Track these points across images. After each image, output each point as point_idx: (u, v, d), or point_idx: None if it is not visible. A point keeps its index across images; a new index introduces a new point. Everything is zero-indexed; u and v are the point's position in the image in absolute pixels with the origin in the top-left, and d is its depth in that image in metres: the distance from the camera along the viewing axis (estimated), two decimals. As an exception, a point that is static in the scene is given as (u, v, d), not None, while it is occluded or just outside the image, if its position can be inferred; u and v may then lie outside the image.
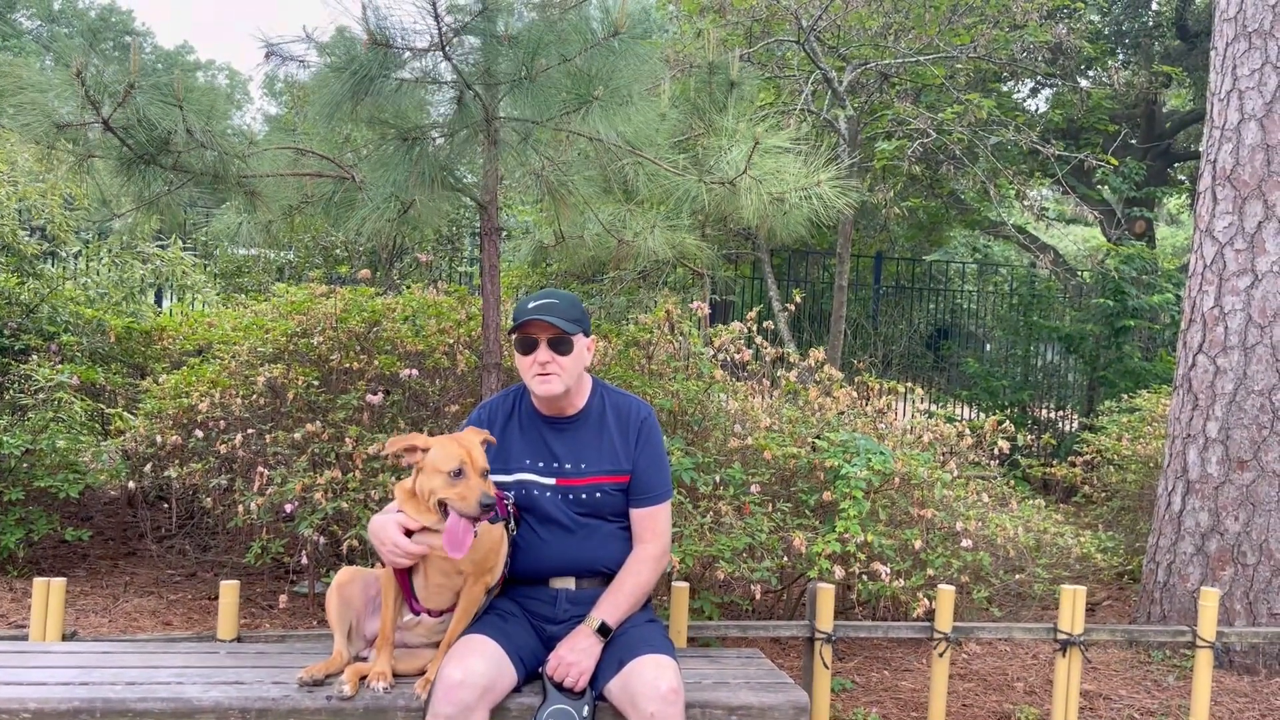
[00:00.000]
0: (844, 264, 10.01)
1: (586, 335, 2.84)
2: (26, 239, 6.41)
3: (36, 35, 28.60)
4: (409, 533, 2.61)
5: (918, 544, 4.30)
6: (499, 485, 2.80)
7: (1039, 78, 12.37)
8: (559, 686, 2.60)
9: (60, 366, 5.59)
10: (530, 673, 2.67)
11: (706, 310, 5.56)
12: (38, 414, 5.40)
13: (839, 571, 4.09)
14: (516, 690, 2.64)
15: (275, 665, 2.79)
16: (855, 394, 5.43)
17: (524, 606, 2.80)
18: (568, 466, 2.81)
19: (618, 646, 2.67)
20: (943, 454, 5.18)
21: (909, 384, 5.74)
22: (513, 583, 2.83)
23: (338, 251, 8.37)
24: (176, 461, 5.03)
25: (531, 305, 2.76)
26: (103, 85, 2.82)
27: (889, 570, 4.16)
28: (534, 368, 2.74)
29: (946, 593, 3.66)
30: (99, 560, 5.73)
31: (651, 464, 2.84)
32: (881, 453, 4.53)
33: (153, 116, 2.91)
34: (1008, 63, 9.95)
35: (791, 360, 5.80)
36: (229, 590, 3.29)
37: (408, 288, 6.21)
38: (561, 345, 2.74)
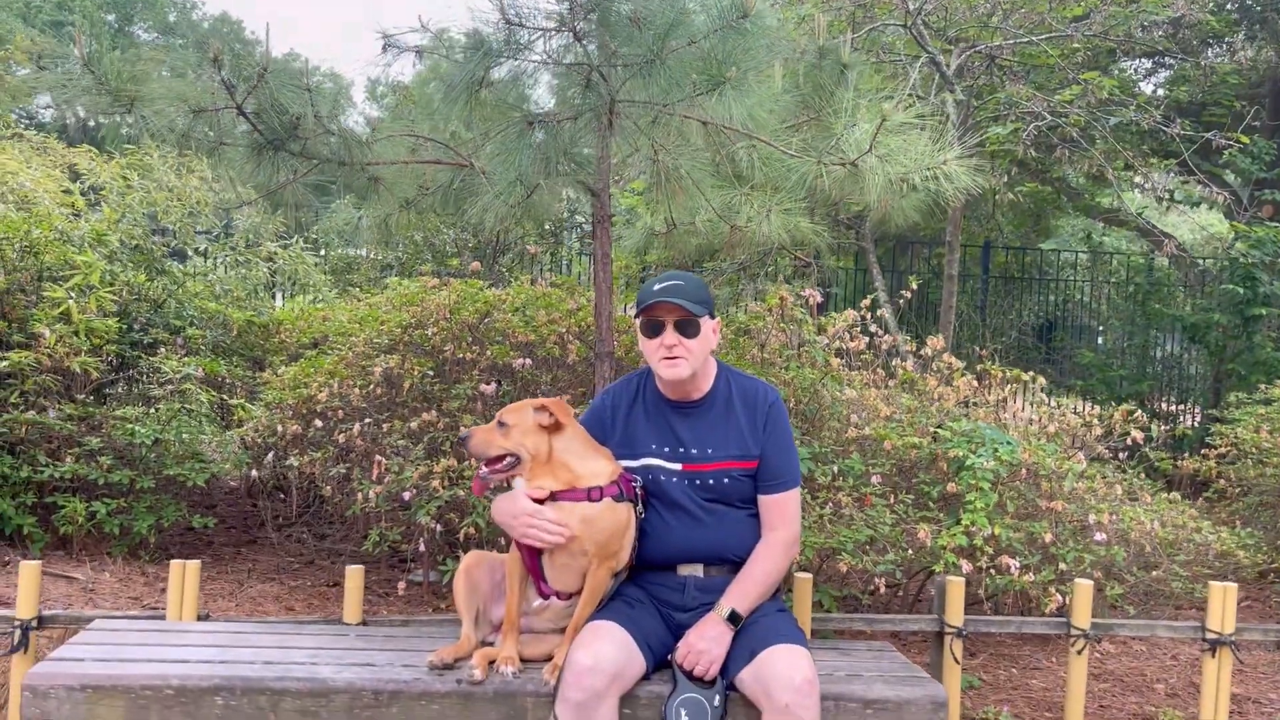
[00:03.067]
0: (954, 252, 9.74)
1: (712, 318, 2.78)
2: (156, 240, 6.64)
3: (154, 47, 29.78)
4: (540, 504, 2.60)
5: (1047, 537, 4.13)
6: (626, 470, 2.76)
7: (1157, 56, 11.87)
8: (689, 675, 2.55)
9: (186, 359, 5.76)
10: (659, 661, 2.63)
11: (819, 298, 5.44)
12: (166, 405, 5.57)
13: (965, 566, 3.95)
14: (645, 678, 2.60)
15: (403, 649, 2.80)
16: (976, 383, 5.25)
17: (651, 594, 2.76)
18: (694, 452, 2.75)
19: (749, 635, 2.60)
20: (1068, 445, 4.98)
21: (1031, 373, 5.53)
22: (640, 569, 2.78)
23: (446, 248, 8.48)
24: (296, 451, 5.13)
25: (658, 288, 2.71)
26: (238, 70, 2.87)
27: (1018, 564, 4.00)
28: (660, 351, 2.69)
29: (1084, 587, 3.51)
30: (223, 547, 5.89)
31: (780, 449, 2.77)
32: (1009, 442, 4.37)
33: (284, 100, 2.95)
34: (1125, 39, 9.57)
35: (907, 349, 5.64)
36: (354, 575, 3.33)
37: (515, 280, 6.25)
38: (688, 328, 2.68)
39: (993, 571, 4.01)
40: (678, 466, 2.75)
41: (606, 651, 2.48)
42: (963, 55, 9.40)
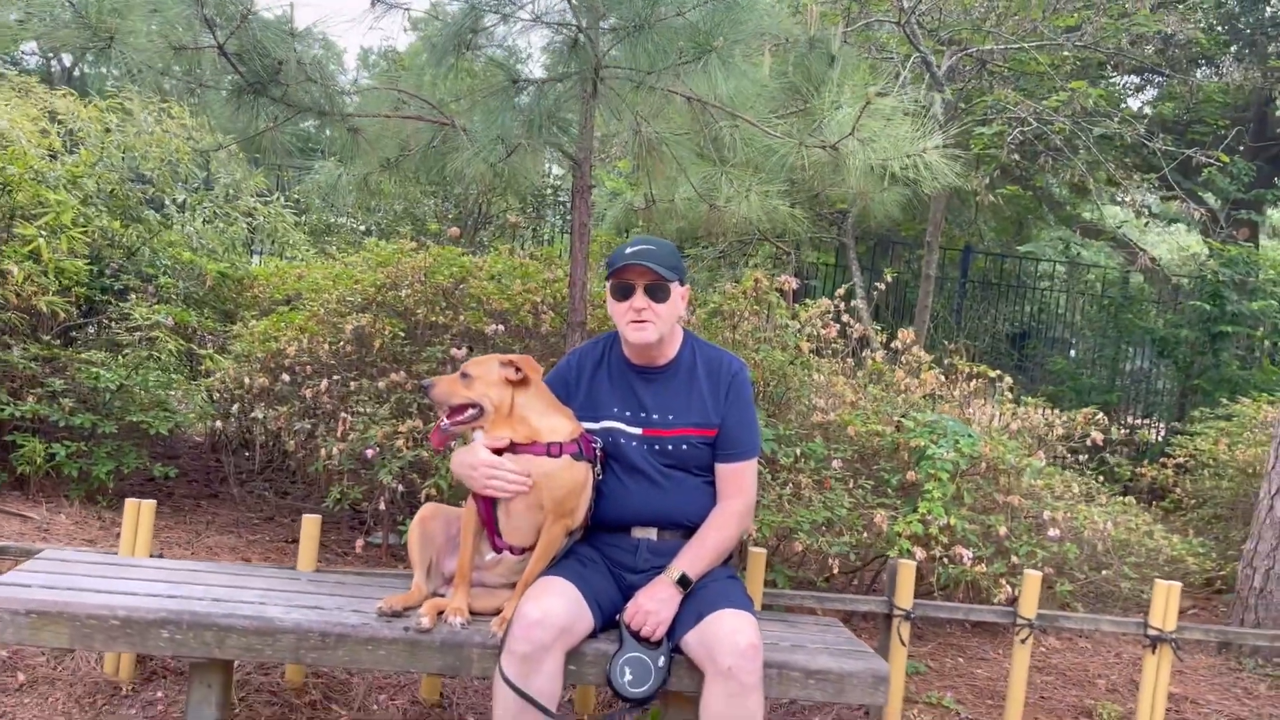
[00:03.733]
0: (932, 253, 9.80)
1: (683, 284, 2.79)
2: (133, 187, 6.57)
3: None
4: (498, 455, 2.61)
5: (1002, 530, 4.18)
6: (587, 431, 2.77)
7: (1145, 71, 11.97)
8: (636, 635, 2.57)
9: (156, 307, 5.72)
10: (608, 620, 2.65)
11: (794, 284, 5.46)
12: (134, 351, 5.54)
13: (919, 554, 4.00)
14: (593, 636, 2.62)
15: (354, 596, 2.81)
16: (944, 378, 5.30)
17: (605, 554, 2.77)
18: (655, 417, 2.77)
19: (697, 600, 2.63)
20: (1029, 444, 5.03)
21: (999, 373, 5.58)
22: (595, 530, 2.80)
23: (426, 217, 8.45)
24: (263, 405, 5.12)
25: (629, 250, 2.73)
26: (221, 8, 2.85)
27: (971, 555, 4.05)
28: (629, 314, 2.71)
29: (1033, 578, 3.55)
30: (183, 499, 5.86)
31: (740, 420, 2.79)
32: (970, 435, 4.42)
33: (267, 43, 2.93)
34: (1115, 53, 9.64)
35: (879, 342, 5.68)
36: (310, 523, 3.33)
37: (495, 249, 6.24)
38: (658, 292, 2.70)
39: (946, 561, 4.06)
40: (638, 431, 2.77)
41: (555, 606, 2.50)
42: (954, 57, 9.45)
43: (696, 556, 2.68)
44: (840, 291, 5.52)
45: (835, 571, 3.98)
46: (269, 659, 2.54)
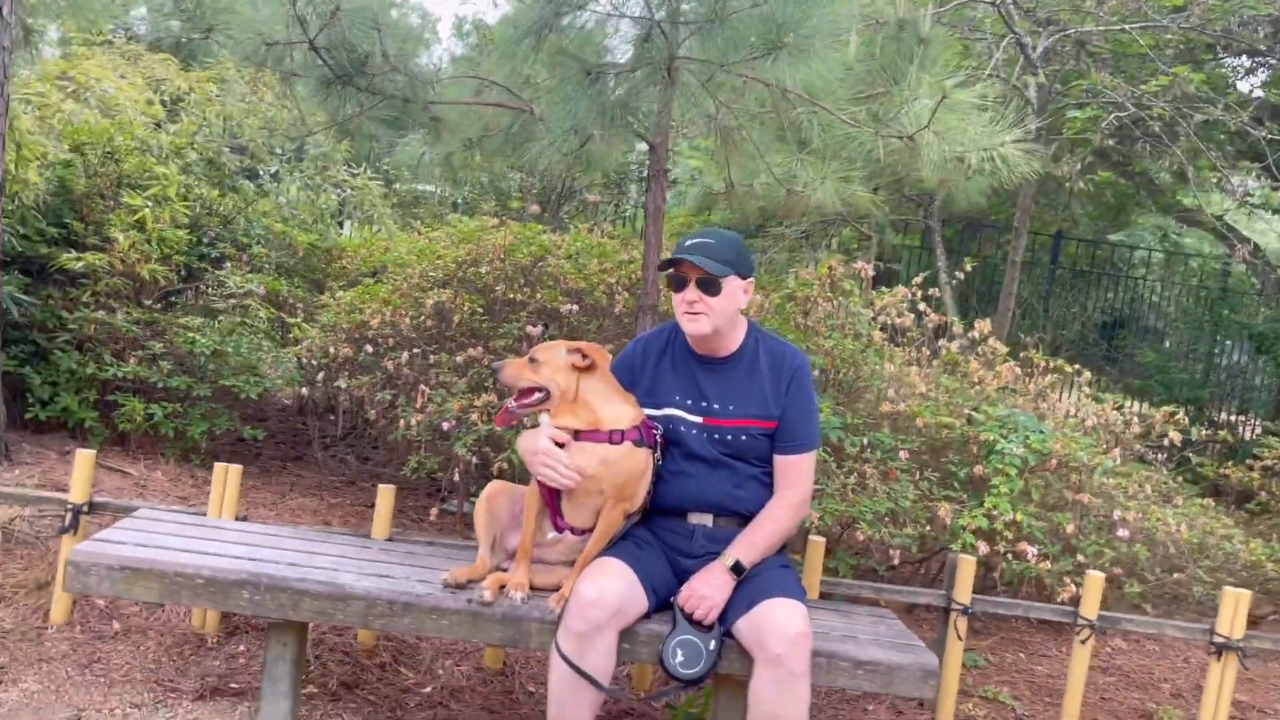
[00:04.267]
0: (1020, 238, 9.62)
1: (743, 278, 2.83)
2: (229, 155, 6.82)
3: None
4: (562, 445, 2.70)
5: (1070, 528, 4.15)
6: (650, 418, 2.85)
7: (1259, 55, 11.47)
8: (689, 618, 2.65)
9: (250, 275, 5.95)
10: (661, 602, 2.72)
11: (870, 271, 5.45)
12: (227, 318, 5.78)
13: (983, 548, 3.99)
14: (646, 617, 2.70)
15: (422, 566, 2.94)
16: (1019, 370, 5.24)
17: (661, 538, 2.85)
18: (715, 407, 2.83)
19: (750, 587, 2.69)
20: (1106, 441, 4.95)
21: (1077, 367, 5.49)
22: (653, 514, 2.88)
23: (511, 191, 8.59)
24: (346, 374, 5.31)
25: (687, 244, 2.78)
26: (311, 5, 2.97)
27: (1036, 552, 4.03)
28: (683, 306, 2.77)
29: (1095, 578, 3.53)
30: (271, 460, 6.11)
31: (800, 412, 2.83)
32: (1041, 431, 4.38)
33: (354, 38, 3.05)
34: (1223, 34, 9.28)
35: (955, 331, 5.63)
36: (385, 494, 3.48)
37: (575, 228, 6.33)
38: (710, 286, 2.74)
39: (1010, 557, 4.05)
40: (698, 419, 2.83)
41: (611, 586, 2.59)
42: (1052, 38, 9.21)
43: (751, 544, 2.74)
44: (918, 280, 5.48)
45: (896, 563, 4.00)
46: (340, 623, 2.69)
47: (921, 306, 5.44)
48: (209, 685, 3.17)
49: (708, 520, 2.84)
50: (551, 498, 2.76)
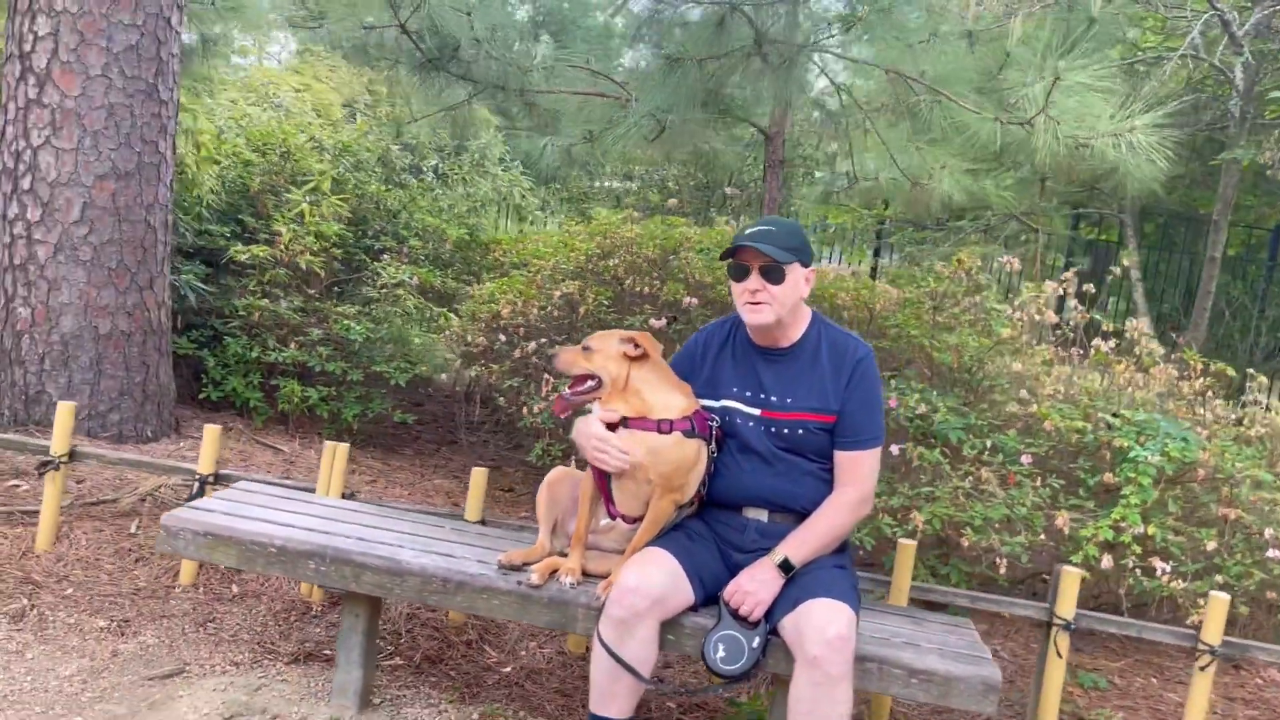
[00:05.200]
0: (1219, 233, 8.89)
1: (805, 265, 2.75)
2: (398, 154, 7.21)
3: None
4: (613, 430, 2.70)
5: (1210, 545, 3.80)
6: (707, 409, 2.82)
7: None
8: (735, 613, 2.60)
9: (403, 267, 6.26)
10: (710, 595, 2.69)
11: (1017, 266, 5.16)
12: (380, 307, 6.10)
13: (1105, 561, 3.72)
14: (694, 610, 2.67)
15: (490, 547, 3.01)
16: (1175, 373, 4.84)
17: (715, 530, 2.81)
18: (773, 399, 2.76)
19: (798, 585, 2.62)
20: (1268, 452, 4.50)
21: (1250, 370, 5.01)
22: (709, 506, 2.84)
23: (669, 185, 8.65)
24: (482, 362, 5.50)
25: (748, 232, 2.72)
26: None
27: (1169, 569, 3.72)
28: (745, 295, 2.71)
29: (1219, 601, 3.23)
30: (426, 444, 6.41)
31: (862, 406, 2.73)
32: (1184, 439, 4.03)
33: (440, 23, 3.15)
34: None
35: (1127, 331, 5.26)
36: (478, 476, 3.58)
37: (726, 221, 6.32)
38: (773, 274, 2.68)
39: (1139, 572, 3.76)
40: (756, 412, 2.77)
41: (652, 576, 2.58)
42: (1265, 12, 8.46)
43: (803, 542, 2.67)
44: (1068, 275, 5.15)
45: (1001, 572, 3.78)
46: (398, 597, 2.80)
47: (1073, 303, 5.11)
48: (305, 650, 3.36)
49: (763, 515, 2.78)
50: (604, 485, 2.78)
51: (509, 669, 3.44)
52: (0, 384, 4.77)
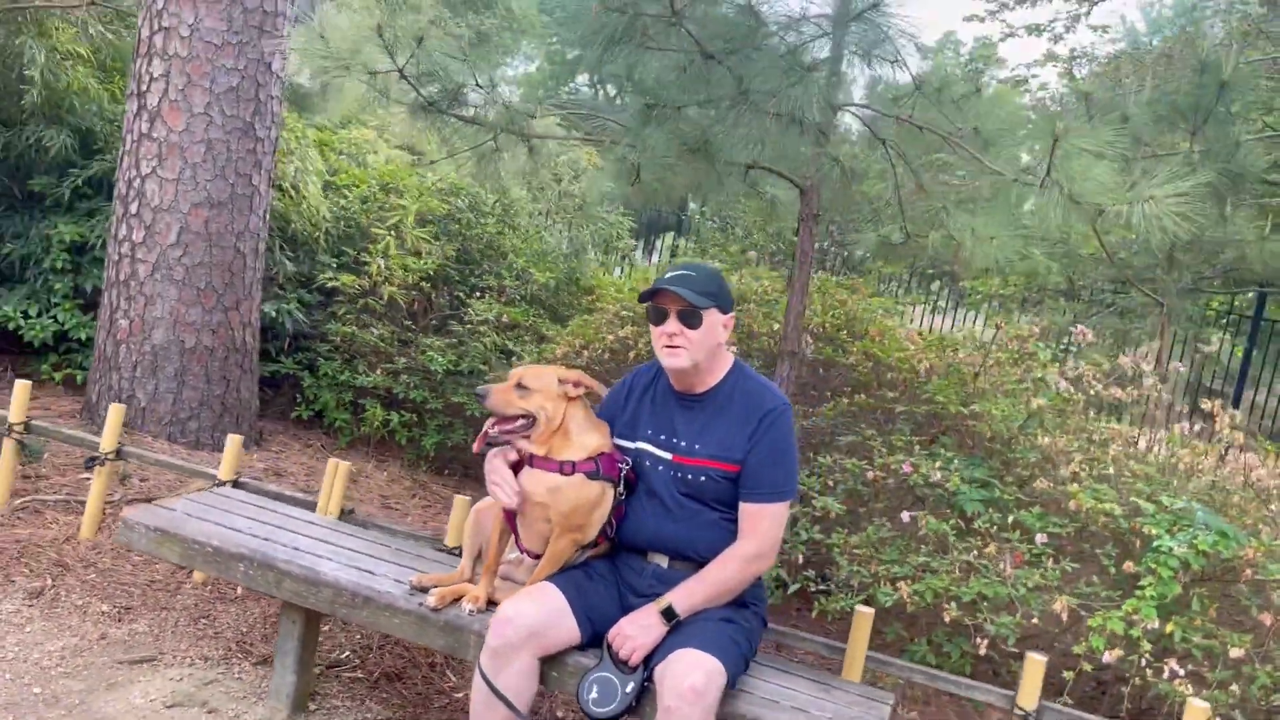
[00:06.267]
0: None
1: (724, 311, 2.73)
2: (510, 199, 7.52)
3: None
4: (518, 465, 2.75)
5: (1236, 651, 3.45)
6: (623, 450, 2.82)
7: None
8: (615, 656, 2.58)
9: (491, 304, 6.50)
10: (599, 635, 2.67)
11: (1088, 337, 4.86)
12: (460, 342, 6.37)
13: (1108, 656, 3.44)
14: (581, 649, 2.67)
15: (415, 568, 3.09)
16: (1256, 462, 4.42)
17: (619, 572, 2.80)
18: (683, 444, 2.74)
19: (679, 633, 2.58)
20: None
21: (1351, 466, 4.51)
22: (618, 548, 2.84)
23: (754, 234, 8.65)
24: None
25: (668, 276, 2.73)
26: (396, 39, 3.28)
27: (1182, 672, 3.40)
28: (662, 339, 2.71)
29: (1197, 710, 2.93)
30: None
31: (767, 459, 2.67)
32: (1223, 532, 3.68)
33: (442, 66, 3.31)
34: None
35: (1211, 412, 4.86)
36: (459, 504, 3.68)
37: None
38: (691, 319, 2.67)
39: (1148, 672, 3.45)
40: (667, 456, 2.76)
41: (528, 609, 2.59)
42: None
43: (690, 591, 2.62)
44: (1145, 349, 4.82)
45: (981, 652, 3.55)
46: (314, 606, 2.92)
47: (1150, 380, 4.77)
48: (274, 654, 3.54)
49: (663, 561, 2.75)
50: (511, 519, 2.82)
51: (461, 694, 3.50)
52: (99, 386, 5.27)
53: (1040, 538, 3.83)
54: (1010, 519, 3.95)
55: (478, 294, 6.79)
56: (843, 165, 3.86)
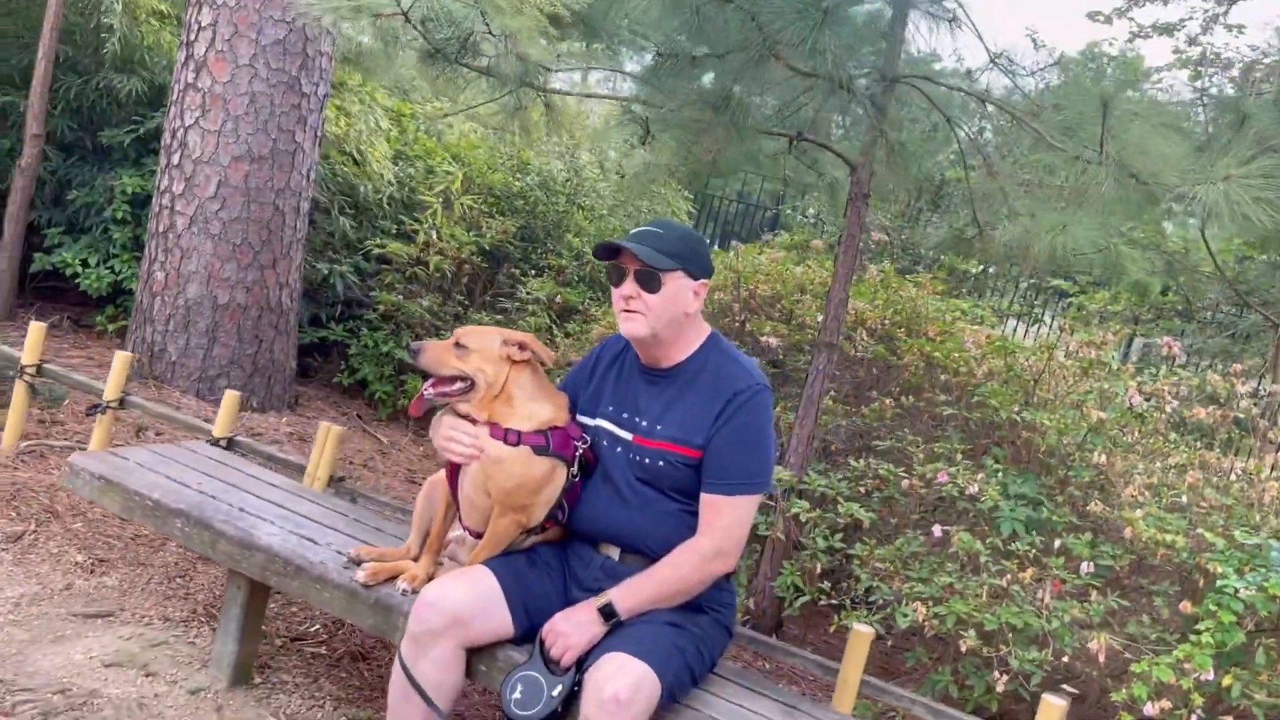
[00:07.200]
0: None
1: (693, 277, 2.41)
2: (576, 178, 7.31)
3: None
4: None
5: (1305, 717, 2.96)
6: (583, 427, 2.53)
7: None
8: (545, 655, 2.30)
9: (544, 283, 6.28)
10: (537, 629, 2.39)
11: (1176, 350, 4.35)
12: (516, 320, 6.16)
13: (1150, 708, 2.99)
14: (515, 643, 2.39)
15: (373, 540, 2.86)
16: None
17: (567, 562, 2.51)
18: (643, 424, 2.43)
19: (616, 635, 2.28)
20: None
21: None
22: (570, 535, 2.55)
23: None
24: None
25: (632, 232, 2.43)
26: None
27: (1238, 733, 2.93)
28: (620, 302, 2.41)
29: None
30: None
31: (732, 445, 2.34)
32: (1304, 576, 3.19)
33: (445, 11, 3.07)
34: None
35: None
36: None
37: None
38: (649, 281, 2.36)
39: (1198, 730, 2.99)
40: (627, 436, 2.45)
41: (454, 593, 2.32)
42: None
43: (634, 589, 2.32)
44: (1237, 368, 4.28)
45: (999, 688, 3.13)
46: (246, 571, 2.70)
47: (1246, 403, 4.24)
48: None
49: (614, 553, 2.45)
50: (455, 493, 2.55)
51: (425, 682, 3.25)
52: (134, 338, 5.22)
53: (1086, 567, 3.38)
54: (1057, 543, 3.51)
55: (534, 272, 6.58)
56: (891, 141, 3.48)
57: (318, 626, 3.44)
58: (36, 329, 4.20)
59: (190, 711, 2.79)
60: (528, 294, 6.14)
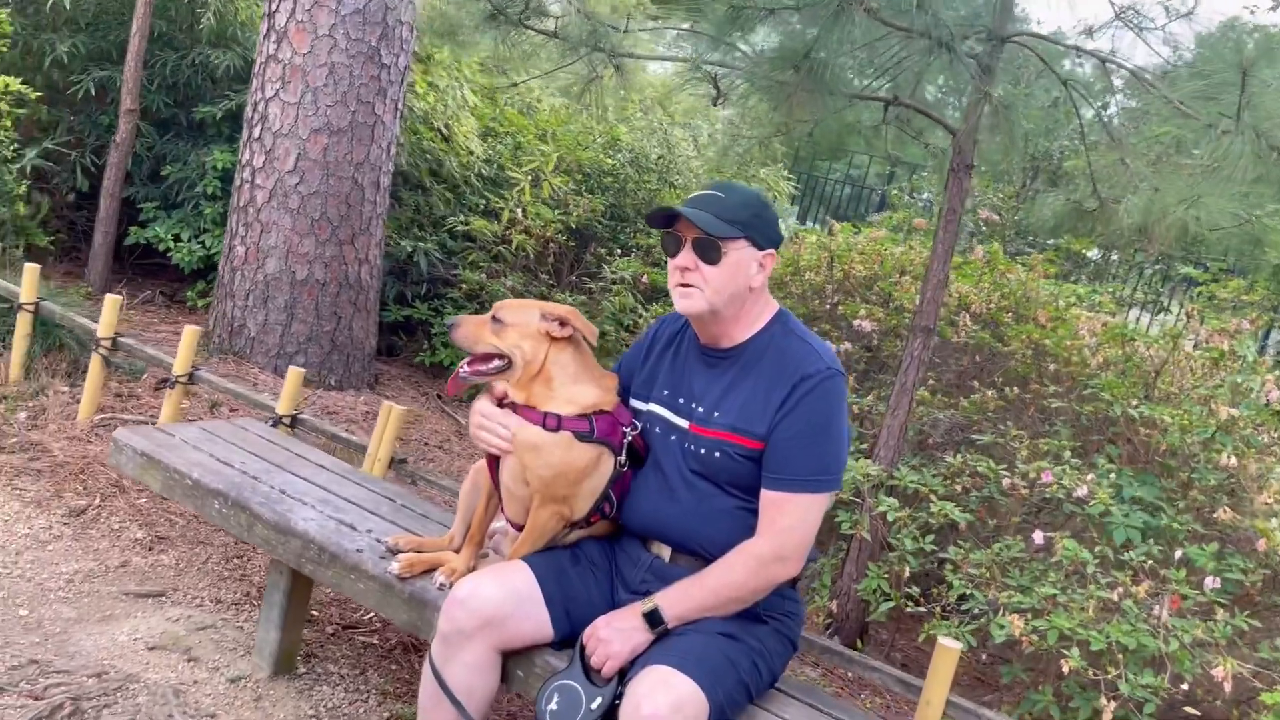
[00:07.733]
0: None
1: (759, 247, 2.14)
2: (667, 157, 7.07)
3: None
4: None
5: None
6: (635, 412, 2.30)
7: None
8: (586, 662, 2.08)
9: (629, 262, 6.07)
10: (579, 633, 2.17)
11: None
12: (600, 301, 5.96)
13: (1286, 743, 2.63)
14: (555, 647, 2.18)
15: (417, 528, 2.69)
16: None
17: (615, 561, 2.29)
18: (700, 410, 2.19)
19: (663, 644, 2.04)
20: None
21: None
22: (621, 531, 2.32)
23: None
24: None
25: (689, 197, 2.18)
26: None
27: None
28: (675, 275, 2.16)
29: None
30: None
31: (798, 437, 2.07)
32: None
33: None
34: None
35: None
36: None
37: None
38: (708, 251, 2.11)
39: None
40: (684, 424, 2.21)
41: (487, 591, 2.12)
42: None
43: (684, 594, 2.08)
44: (1395, 360, 3.81)
45: (1107, 717, 2.79)
46: (281, 557, 2.56)
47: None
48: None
49: (665, 553, 2.21)
50: (495, 483, 2.35)
51: (477, 678, 3.08)
52: (216, 313, 5.20)
53: (1211, 581, 3.01)
54: (1177, 554, 3.14)
55: (621, 251, 6.37)
56: (995, 103, 3.14)
57: (371, 615, 3.30)
58: (111, 301, 4.17)
59: (227, 702, 2.67)
60: (613, 273, 5.93)
